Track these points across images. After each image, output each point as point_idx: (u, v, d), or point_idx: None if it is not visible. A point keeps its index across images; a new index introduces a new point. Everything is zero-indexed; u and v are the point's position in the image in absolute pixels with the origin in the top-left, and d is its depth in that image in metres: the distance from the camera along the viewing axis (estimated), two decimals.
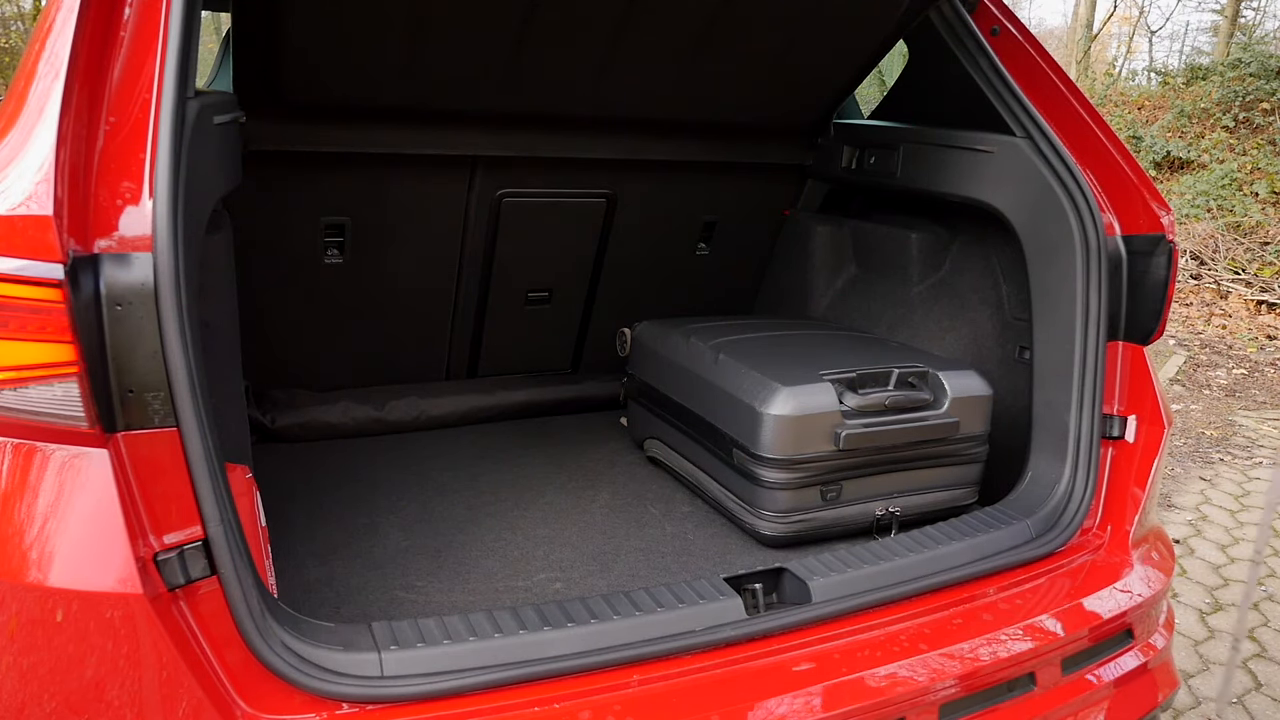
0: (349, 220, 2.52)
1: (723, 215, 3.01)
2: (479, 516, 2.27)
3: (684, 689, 1.48)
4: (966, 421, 2.22)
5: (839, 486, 2.16)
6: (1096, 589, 1.86)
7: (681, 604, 1.61)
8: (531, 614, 1.54)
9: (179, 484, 1.27)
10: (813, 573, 1.75)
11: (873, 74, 3.10)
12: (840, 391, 2.13)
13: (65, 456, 1.22)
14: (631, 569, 2.05)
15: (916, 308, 2.70)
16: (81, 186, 1.25)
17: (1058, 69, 2.24)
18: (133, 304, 1.23)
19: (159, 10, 1.38)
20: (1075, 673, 1.77)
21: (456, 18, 2.09)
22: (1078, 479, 2.02)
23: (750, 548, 2.18)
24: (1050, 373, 2.12)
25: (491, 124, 2.47)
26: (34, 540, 1.21)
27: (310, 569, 1.97)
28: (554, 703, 1.41)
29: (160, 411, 1.25)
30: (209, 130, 1.56)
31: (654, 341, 2.59)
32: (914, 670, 1.58)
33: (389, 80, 2.23)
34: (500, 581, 1.97)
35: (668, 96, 2.52)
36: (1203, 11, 32.41)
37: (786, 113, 2.78)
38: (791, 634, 1.62)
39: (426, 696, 1.38)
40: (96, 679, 1.22)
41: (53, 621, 1.20)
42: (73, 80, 1.27)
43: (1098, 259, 2.02)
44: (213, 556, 1.28)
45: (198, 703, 1.25)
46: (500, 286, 2.81)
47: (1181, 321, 7.59)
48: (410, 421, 2.80)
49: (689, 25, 2.28)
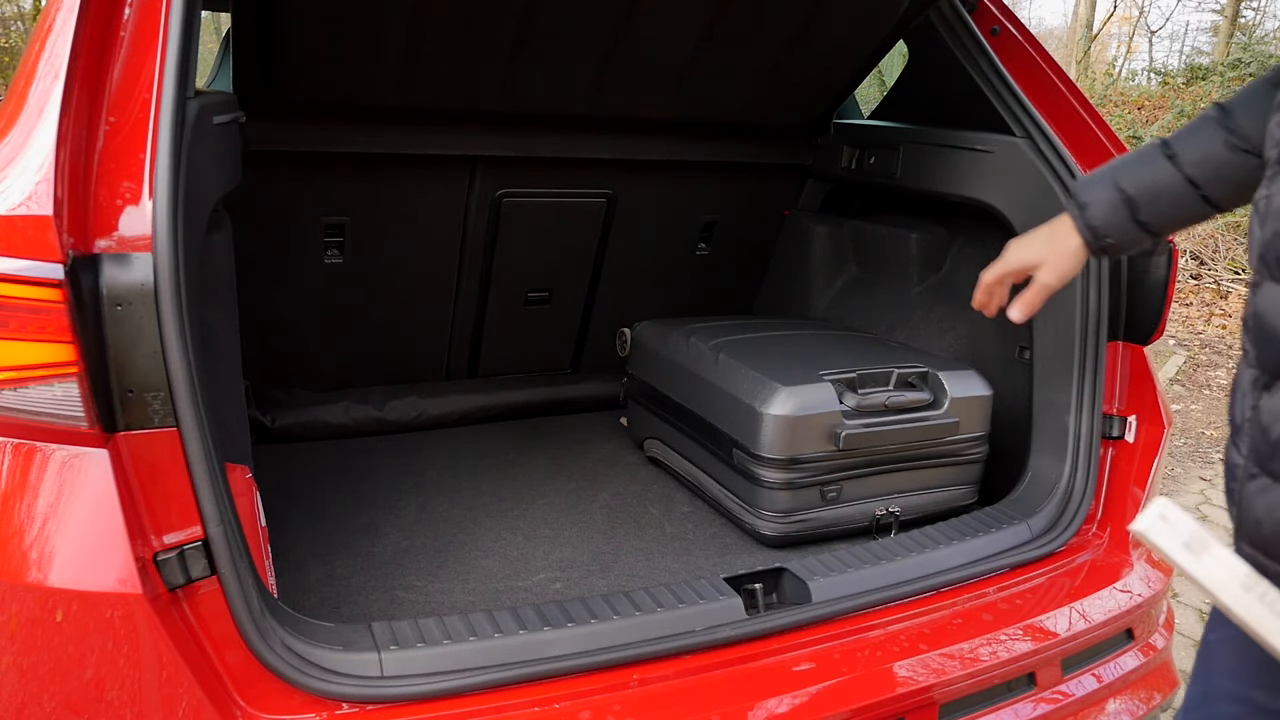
0: (349, 220, 2.52)
1: (722, 215, 3.01)
2: (479, 516, 2.27)
3: (684, 689, 1.48)
4: (966, 421, 2.22)
5: (839, 486, 2.15)
6: (1096, 589, 1.86)
7: (681, 604, 1.61)
8: (531, 614, 1.54)
9: (179, 484, 1.27)
10: (812, 573, 1.75)
11: (873, 74, 3.10)
12: (840, 391, 2.13)
13: (65, 457, 1.22)
14: (631, 569, 2.05)
15: (916, 308, 2.70)
16: (81, 186, 1.25)
17: (1058, 69, 2.24)
18: (133, 304, 1.23)
19: (159, 10, 1.38)
20: (1075, 673, 1.77)
21: (456, 18, 2.09)
22: (1077, 479, 2.02)
23: (750, 548, 2.18)
24: (1050, 373, 2.12)
25: (491, 124, 2.47)
26: (34, 540, 1.21)
27: (310, 569, 1.97)
28: (554, 703, 1.41)
29: (160, 412, 1.25)
30: (209, 130, 1.56)
31: (654, 341, 2.59)
32: (914, 670, 1.58)
33: (389, 80, 2.23)
34: (500, 581, 1.97)
35: (667, 97, 2.52)
36: (1203, 11, 32.40)
37: (786, 113, 2.78)
38: (791, 634, 1.62)
39: (426, 696, 1.38)
40: (96, 679, 1.22)
41: (53, 621, 1.20)
42: (73, 80, 1.27)
43: (1097, 259, 2.02)
44: (213, 556, 1.28)
45: (198, 703, 1.25)
46: (500, 286, 2.81)
47: (1181, 321, 7.58)
48: (410, 421, 2.80)
49: (689, 26, 2.28)
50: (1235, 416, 1.03)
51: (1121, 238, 1.34)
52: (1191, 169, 1.27)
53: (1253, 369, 1.00)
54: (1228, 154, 1.25)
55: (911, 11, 2.39)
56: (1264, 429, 0.97)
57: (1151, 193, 1.29)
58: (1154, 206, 1.30)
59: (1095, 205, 1.34)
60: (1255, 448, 0.98)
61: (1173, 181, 1.28)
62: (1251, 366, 1.00)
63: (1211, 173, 1.26)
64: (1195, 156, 1.27)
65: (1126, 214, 1.31)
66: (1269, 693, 1.11)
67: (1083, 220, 1.35)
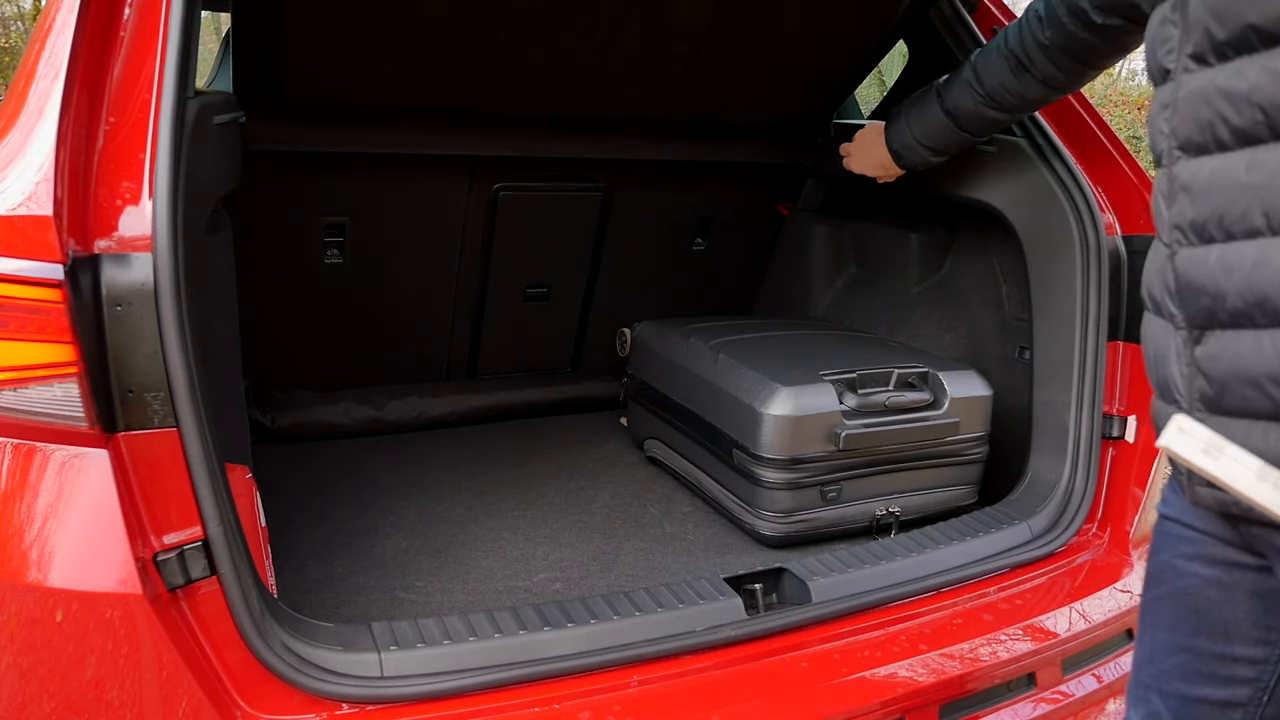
0: (349, 220, 2.52)
1: (720, 212, 3.01)
2: (479, 516, 2.27)
3: (684, 689, 1.48)
4: (966, 422, 2.22)
5: (839, 487, 2.15)
6: (1096, 589, 1.86)
7: (681, 604, 1.61)
8: (531, 614, 1.54)
9: (179, 484, 1.27)
10: (812, 573, 1.75)
11: (873, 74, 3.10)
12: (840, 392, 2.13)
13: (65, 457, 1.22)
14: (631, 569, 2.05)
15: (916, 308, 2.70)
16: (81, 186, 1.25)
17: None
18: (133, 304, 1.23)
19: (159, 10, 1.38)
20: (1075, 673, 1.77)
21: (455, 19, 2.09)
22: (1077, 479, 2.02)
23: (750, 548, 2.18)
24: (1050, 373, 2.12)
25: (490, 124, 2.47)
26: (34, 540, 1.21)
27: (310, 569, 1.97)
28: (554, 703, 1.42)
29: (160, 412, 1.25)
30: (209, 130, 1.56)
31: (654, 341, 2.59)
32: (914, 670, 1.59)
33: (388, 81, 2.23)
34: (500, 581, 1.97)
35: (667, 97, 2.52)
36: None
37: (786, 113, 2.78)
38: (791, 634, 1.63)
39: (426, 697, 1.38)
40: (96, 679, 1.22)
41: (52, 622, 1.20)
42: (73, 80, 1.27)
43: (1098, 259, 2.02)
44: (212, 557, 1.28)
45: (197, 703, 1.25)
46: (499, 282, 2.81)
47: None
48: (410, 422, 2.80)
49: (688, 26, 2.28)
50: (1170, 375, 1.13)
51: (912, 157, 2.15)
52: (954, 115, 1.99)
53: (1181, 330, 1.11)
54: (980, 109, 1.94)
55: (911, 11, 2.39)
56: (1207, 375, 1.07)
57: (930, 131, 2.07)
58: (932, 138, 2.07)
59: (896, 141, 2.16)
60: (1204, 396, 1.08)
61: (940, 121, 2.03)
62: (1180, 329, 1.11)
63: (970, 116, 1.97)
64: (956, 105, 1.98)
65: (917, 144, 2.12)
66: (1209, 638, 1.19)
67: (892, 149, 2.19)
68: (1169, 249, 1.12)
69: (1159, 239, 1.14)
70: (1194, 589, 1.20)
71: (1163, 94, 1.12)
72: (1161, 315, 1.15)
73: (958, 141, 2.05)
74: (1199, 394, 1.09)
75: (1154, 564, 1.27)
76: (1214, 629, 1.19)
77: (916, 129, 2.09)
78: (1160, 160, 1.13)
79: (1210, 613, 1.18)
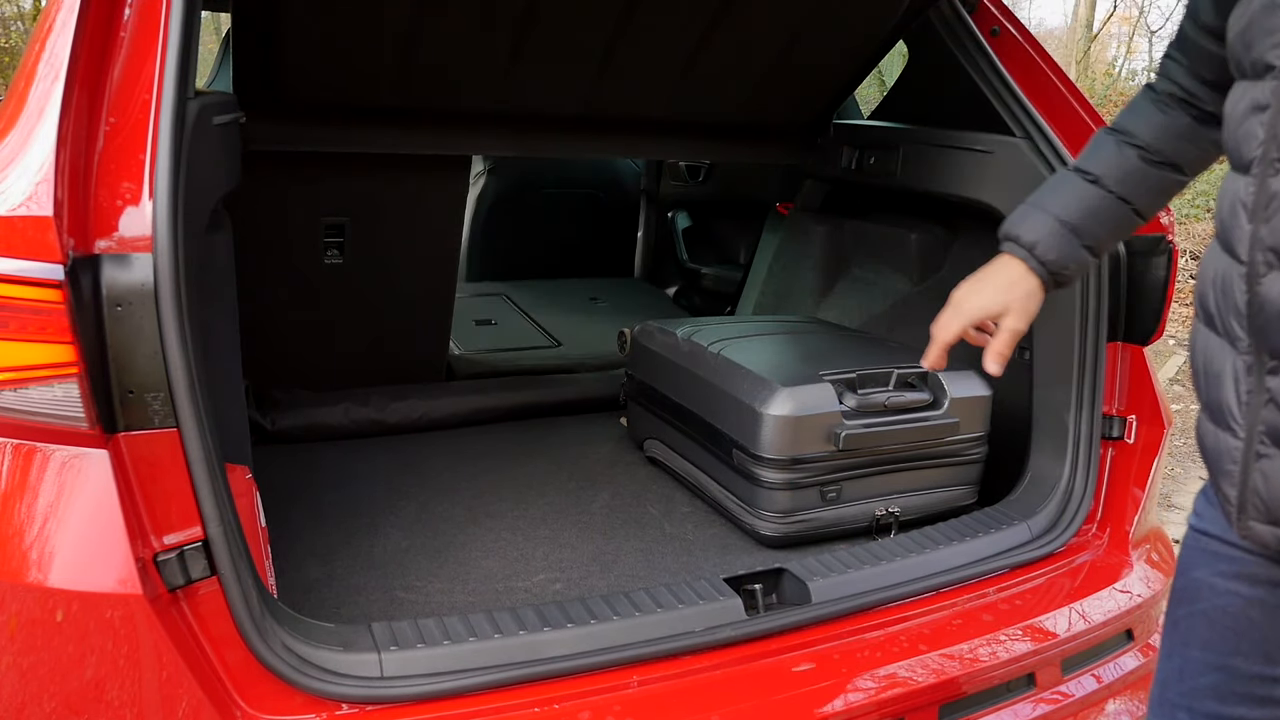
0: (349, 220, 2.52)
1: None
2: (479, 516, 2.27)
3: (684, 689, 1.48)
4: (966, 422, 2.22)
5: (839, 487, 2.15)
6: (1096, 589, 1.86)
7: (681, 604, 1.61)
8: (531, 614, 1.54)
9: (179, 485, 1.27)
10: (812, 573, 1.75)
11: (873, 74, 3.11)
12: (840, 391, 2.13)
13: (65, 457, 1.22)
14: (631, 569, 2.05)
15: (916, 308, 2.70)
16: (81, 187, 1.25)
17: (1057, 69, 2.24)
18: (133, 304, 1.24)
19: (159, 10, 1.38)
20: (1075, 673, 1.77)
21: (454, 19, 2.09)
22: (1077, 479, 2.02)
23: (750, 548, 2.18)
24: (1050, 373, 2.12)
25: (491, 125, 2.47)
26: (34, 540, 1.21)
27: (310, 569, 1.97)
28: (554, 703, 1.42)
29: (160, 412, 1.25)
30: (209, 130, 1.56)
31: (654, 341, 2.59)
32: (913, 671, 1.59)
33: (388, 81, 2.23)
34: (500, 581, 1.97)
35: (666, 97, 2.52)
36: None
37: (786, 113, 2.78)
38: (791, 634, 1.63)
39: (426, 697, 1.38)
40: (96, 679, 1.22)
41: (52, 622, 1.20)
42: (73, 81, 1.27)
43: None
44: (213, 557, 1.28)
45: (197, 703, 1.25)
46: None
47: (1181, 321, 7.59)
48: (411, 423, 2.79)
49: (688, 26, 2.28)
50: (1225, 400, 1.05)
51: (1076, 267, 1.40)
52: (1118, 187, 1.36)
53: (1246, 355, 1.03)
54: (1147, 168, 1.35)
55: (911, 11, 2.40)
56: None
57: (1090, 217, 1.37)
58: (1094, 229, 1.38)
59: (1044, 242, 1.38)
60: (1271, 429, 1.00)
61: (1104, 202, 1.37)
62: (1244, 354, 1.03)
63: (1136, 188, 1.36)
64: (1118, 175, 1.36)
65: (1075, 242, 1.38)
66: (1247, 658, 1.14)
67: (1035, 259, 1.39)
68: (1248, 268, 1.00)
69: (1232, 254, 1.04)
70: (1234, 608, 1.14)
71: (1257, 91, 1.00)
72: (1217, 332, 1.06)
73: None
74: (1266, 425, 1.01)
75: (1185, 580, 1.21)
76: (1254, 649, 1.13)
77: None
78: (1247, 167, 1.01)
79: (1250, 633, 1.13)
